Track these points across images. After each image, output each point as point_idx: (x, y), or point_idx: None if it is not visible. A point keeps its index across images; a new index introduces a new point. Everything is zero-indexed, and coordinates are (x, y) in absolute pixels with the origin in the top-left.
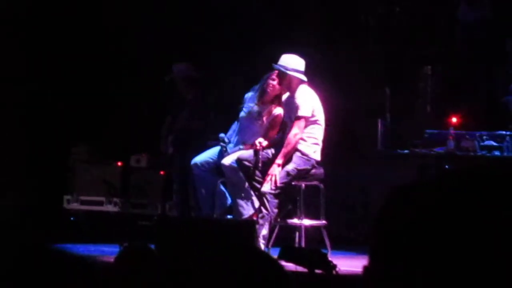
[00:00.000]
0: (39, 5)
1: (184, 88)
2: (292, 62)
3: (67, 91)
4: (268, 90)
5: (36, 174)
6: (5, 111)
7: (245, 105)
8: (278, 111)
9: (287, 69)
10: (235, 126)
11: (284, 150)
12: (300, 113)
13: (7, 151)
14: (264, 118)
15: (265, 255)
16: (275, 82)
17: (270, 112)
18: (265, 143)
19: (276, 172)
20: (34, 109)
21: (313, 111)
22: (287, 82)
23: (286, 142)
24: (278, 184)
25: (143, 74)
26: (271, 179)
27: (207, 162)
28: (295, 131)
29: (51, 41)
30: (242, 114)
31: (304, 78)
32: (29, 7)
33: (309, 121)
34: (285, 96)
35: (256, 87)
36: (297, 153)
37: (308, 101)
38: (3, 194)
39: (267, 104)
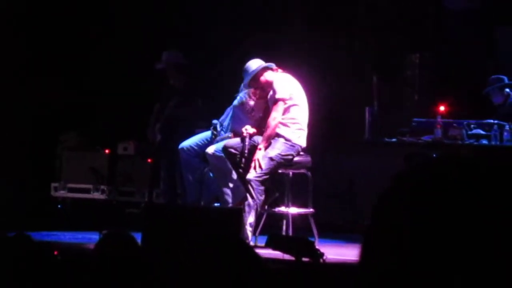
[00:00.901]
0: None
1: (174, 75)
2: (251, 66)
3: (54, 78)
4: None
5: (23, 161)
6: None
7: (240, 94)
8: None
9: (252, 72)
10: (229, 110)
11: (264, 134)
12: (277, 95)
13: None
14: (257, 113)
15: (246, 247)
16: (253, 100)
17: (263, 108)
18: (252, 130)
19: (259, 156)
20: (22, 97)
21: (291, 94)
22: (263, 83)
23: (266, 125)
24: (263, 170)
25: (132, 61)
26: (255, 165)
27: (194, 147)
28: (274, 114)
29: (38, 29)
30: (235, 103)
31: (269, 64)
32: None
33: (289, 105)
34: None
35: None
36: (281, 139)
37: (284, 84)
38: None
39: (260, 99)
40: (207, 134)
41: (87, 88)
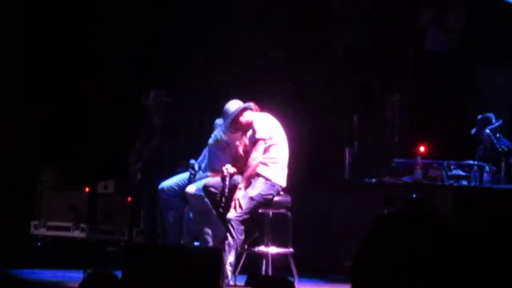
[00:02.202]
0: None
1: (157, 114)
2: (230, 108)
3: (35, 114)
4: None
5: (3, 199)
6: None
7: (214, 133)
8: (247, 141)
9: (232, 114)
10: (205, 151)
11: (245, 174)
12: (257, 135)
13: None
14: (232, 147)
15: None
16: (227, 135)
17: (238, 141)
18: (232, 170)
19: (240, 195)
20: (1, 134)
21: (270, 134)
22: (243, 124)
23: (247, 165)
24: (243, 210)
25: (112, 99)
26: (235, 204)
27: (174, 187)
28: (254, 154)
29: (19, 62)
30: (210, 141)
31: (247, 104)
32: None
33: (269, 144)
34: (249, 133)
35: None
36: (261, 179)
37: (264, 124)
38: None
39: (235, 134)
40: (186, 174)
41: (67, 126)
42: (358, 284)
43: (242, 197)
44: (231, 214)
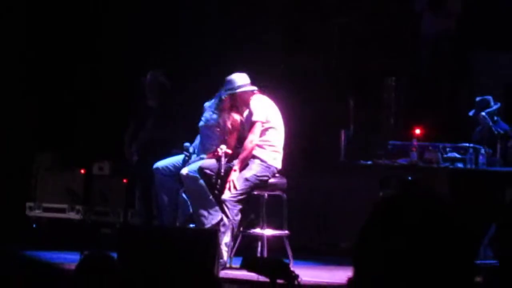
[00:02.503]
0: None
1: (153, 95)
2: (236, 80)
3: (31, 98)
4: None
5: None
6: None
7: (204, 114)
8: (236, 117)
9: (233, 89)
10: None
11: (240, 156)
12: (254, 118)
13: None
14: (222, 124)
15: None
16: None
17: (227, 118)
18: (226, 149)
19: (234, 177)
20: None
21: (267, 117)
22: (241, 100)
23: (243, 147)
24: (238, 191)
25: (107, 80)
26: (230, 186)
27: (169, 167)
28: (251, 137)
29: (16, 49)
30: (201, 123)
31: (252, 88)
32: None
33: (265, 127)
34: (245, 113)
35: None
36: (256, 160)
37: (261, 106)
38: None
39: (224, 111)
40: (182, 156)
41: (63, 108)
42: (360, 269)
43: (237, 179)
44: (226, 195)
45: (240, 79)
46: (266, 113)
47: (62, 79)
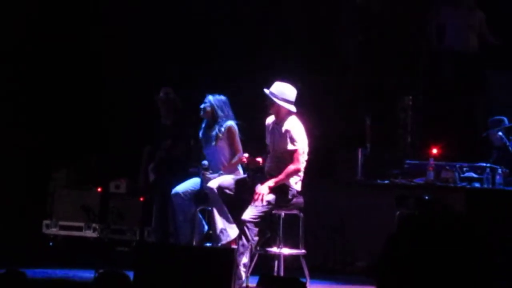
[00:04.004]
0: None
1: (167, 111)
2: (283, 91)
3: (48, 115)
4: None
5: (16, 198)
6: None
7: (203, 140)
8: (228, 124)
9: (277, 97)
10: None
11: (281, 177)
12: (296, 145)
13: None
14: (218, 141)
15: None
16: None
17: (220, 130)
18: (266, 197)
19: (265, 191)
20: (15, 134)
21: (304, 146)
22: (275, 110)
23: (287, 171)
24: (259, 212)
25: (125, 99)
26: (257, 197)
27: (189, 192)
28: (296, 165)
29: (33, 65)
30: (203, 148)
31: (293, 109)
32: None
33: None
34: (270, 119)
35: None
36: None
37: (300, 133)
38: None
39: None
40: (198, 179)
41: (80, 126)
42: (383, 284)
43: (266, 194)
44: (247, 216)
45: (288, 93)
46: (302, 141)
47: (79, 98)
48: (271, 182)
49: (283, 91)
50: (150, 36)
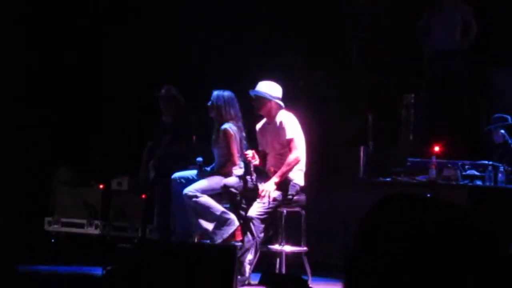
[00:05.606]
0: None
1: (168, 109)
2: (273, 90)
3: (50, 113)
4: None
5: (17, 195)
6: None
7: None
8: (224, 126)
9: (270, 95)
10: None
11: (283, 169)
12: (289, 135)
13: None
14: (217, 139)
15: None
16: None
17: (218, 135)
18: (273, 193)
19: (271, 188)
20: (16, 131)
21: (299, 134)
22: (268, 109)
23: (287, 162)
24: (266, 209)
25: (126, 97)
26: (264, 194)
27: (187, 179)
28: (295, 153)
29: (33, 64)
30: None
31: (283, 104)
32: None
33: None
34: (259, 125)
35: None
36: (285, 180)
37: (292, 123)
38: None
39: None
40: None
41: (82, 123)
42: (355, 280)
43: (272, 191)
44: (253, 212)
45: (277, 90)
46: (298, 131)
47: (81, 95)
48: (276, 178)
49: (272, 89)
50: (151, 34)
